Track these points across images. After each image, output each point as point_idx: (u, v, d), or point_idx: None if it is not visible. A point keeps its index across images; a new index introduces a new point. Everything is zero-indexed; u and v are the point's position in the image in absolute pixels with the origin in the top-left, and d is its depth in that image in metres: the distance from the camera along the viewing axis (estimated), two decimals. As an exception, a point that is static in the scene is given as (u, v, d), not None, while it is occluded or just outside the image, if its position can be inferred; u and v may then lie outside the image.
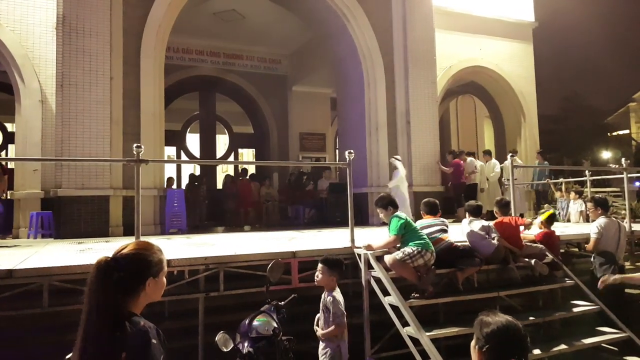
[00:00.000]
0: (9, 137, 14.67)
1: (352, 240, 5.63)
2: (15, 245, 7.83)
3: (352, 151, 5.74)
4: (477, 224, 5.58)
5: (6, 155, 15.25)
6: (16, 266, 4.39)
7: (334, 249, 5.48)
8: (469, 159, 12.05)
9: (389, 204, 5.29)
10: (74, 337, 1.77)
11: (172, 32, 10.64)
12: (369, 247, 5.23)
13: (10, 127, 15.19)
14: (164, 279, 1.93)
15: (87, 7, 9.43)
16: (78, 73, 9.30)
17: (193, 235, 9.42)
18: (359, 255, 5.38)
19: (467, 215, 5.86)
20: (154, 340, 1.74)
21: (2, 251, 6.48)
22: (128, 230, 9.20)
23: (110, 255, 1.86)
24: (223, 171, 19.13)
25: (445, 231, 5.36)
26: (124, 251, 1.88)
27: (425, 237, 5.10)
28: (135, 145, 5.06)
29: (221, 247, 6.22)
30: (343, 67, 12.82)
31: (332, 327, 4.07)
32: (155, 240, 2.16)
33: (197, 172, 15.43)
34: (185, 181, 15.12)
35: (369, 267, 5.25)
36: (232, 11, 13.91)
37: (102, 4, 9.52)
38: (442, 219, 5.52)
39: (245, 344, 3.31)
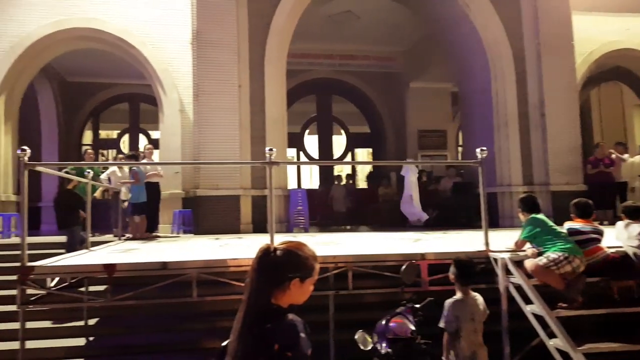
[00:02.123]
0: (154, 144, 16.30)
1: (487, 244, 5.31)
2: (163, 238, 8.73)
3: (484, 148, 5.41)
4: (636, 228, 4.89)
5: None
6: (169, 259, 4.83)
7: (466, 252, 5.21)
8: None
9: (529, 206, 4.89)
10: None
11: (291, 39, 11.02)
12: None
13: (153, 134, 16.94)
14: (311, 287, 1.92)
15: (217, 21, 10.17)
16: (210, 83, 10.08)
17: (317, 234, 9.69)
18: (496, 260, 5.07)
19: (623, 217, 5.18)
20: (302, 334, 1.77)
21: (154, 245, 7.23)
22: (257, 228, 9.75)
23: (271, 245, 1.91)
24: (338, 171, 19.41)
25: (599, 240, 4.72)
26: (283, 245, 1.92)
27: (572, 241, 4.60)
28: (267, 148, 5.30)
29: (347, 247, 6.28)
30: (465, 59, 12.27)
31: (445, 337, 3.88)
32: (281, 238, 2.21)
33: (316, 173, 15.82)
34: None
35: (508, 272, 4.92)
36: (347, 12, 14.03)
37: (229, 18, 10.19)
38: (595, 225, 4.88)
39: (383, 344, 3.30)
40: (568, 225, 4.86)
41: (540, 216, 4.82)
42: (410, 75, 16.14)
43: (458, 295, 3.96)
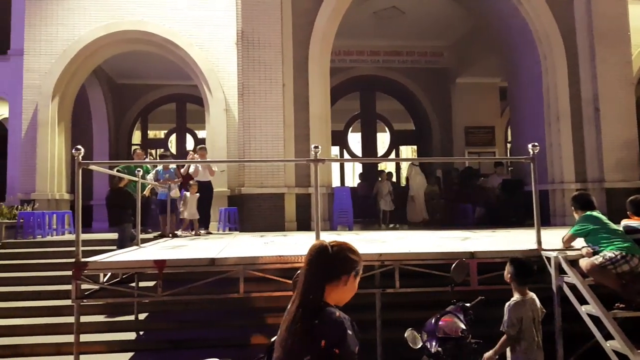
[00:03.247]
0: (200, 143, 16.68)
1: (539, 242, 5.09)
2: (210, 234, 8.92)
3: (536, 144, 5.19)
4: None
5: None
6: (217, 255, 4.90)
7: (517, 251, 5.02)
8: None
9: (582, 203, 4.65)
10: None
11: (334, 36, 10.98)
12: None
13: (199, 133, 17.35)
14: (356, 284, 1.97)
15: (262, 21, 10.27)
16: (255, 82, 10.20)
17: (361, 232, 9.62)
18: (548, 259, 4.86)
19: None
20: (349, 332, 1.78)
21: (202, 242, 7.37)
22: (301, 225, 9.79)
23: (324, 242, 1.95)
24: (382, 168, 19.23)
25: None
26: (334, 243, 1.96)
27: (630, 240, 4.36)
28: (313, 145, 5.28)
29: (393, 245, 6.19)
30: (514, 53, 11.88)
31: (503, 338, 3.73)
32: (326, 236, 2.19)
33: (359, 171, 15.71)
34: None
35: (561, 272, 4.70)
36: (392, 8, 13.84)
37: (274, 18, 10.28)
38: None
39: (433, 343, 3.22)
40: (625, 223, 4.64)
41: (596, 213, 4.59)
42: (456, 71, 15.79)
43: (516, 296, 3.82)
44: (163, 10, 11.54)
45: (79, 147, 4.59)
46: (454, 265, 3.71)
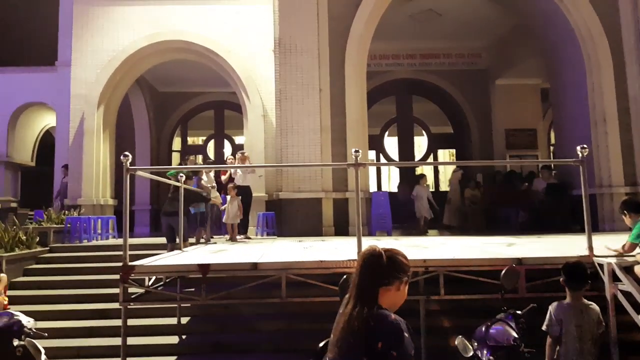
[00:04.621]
0: (238, 148, 16.91)
1: (591, 248, 4.89)
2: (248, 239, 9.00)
3: (585, 146, 5.00)
4: None
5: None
6: (259, 260, 4.93)
7: (566, 257, 4.82)
8: None
9: (634, 207, 4.46)
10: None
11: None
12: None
13: (237, 139, 17.60)
14: (406, 291, 1.99)
15: (299, 28, 10.36)
16: (292, 88, 10.27)
17: (400, 237, 9.50)
18: (601, 266, 4.65)
19: None
20: (406, 334, 1.78)
21: (242, 246, 7.44)
22: (339, 230, 9.75)
23: (377, 247, 1.97)
24: (421, 171, 18.93)
25: None
26: (387, 249, 1.98)
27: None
28: (353, 150, 5.24)
29: (436, 250, 6.07)
30: (557, 53, 11.51)
31: (547, 340, 3.64)
32: (367, 241, 2.16)
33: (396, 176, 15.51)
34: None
35: (615, 279, 4.50)
36: (428, 11, 13.68)
37: (310, 23, 10.34)
38: None
39: (484, 352, 3.13)
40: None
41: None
42: (495, 72, 15.44)
43: (567, 299, 3.68)
44: (204, 19, 11.80)
45: (127, 153, 4.71)
46: (504, 271, 3.61)
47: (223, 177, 10.17)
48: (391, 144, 17.94)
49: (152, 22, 11.79)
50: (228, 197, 9.00)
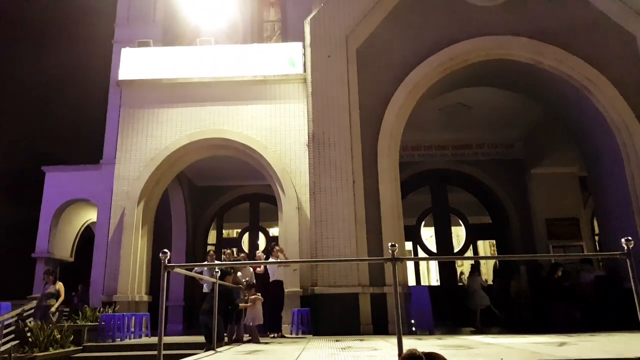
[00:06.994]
0: (272, 241, 16.90)
1: (659, 351, 4.43)
2: (283, 337, 8.60)
3: (630, 238, 4.71)
4: None
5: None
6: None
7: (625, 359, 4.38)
8: None
9: None
10: None
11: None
12: None
13: (271, 231, 17.66)
14: None
15: (331, 123, 10.75)
16: (326, 180, 10.42)
17: (443, 336, 8.93)
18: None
19: None
20: None
21: (277, 346, 7.10)
22: (377, 328, 9.28)
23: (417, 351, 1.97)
24: (458, 266, 18.29)
25: None
26: (428, 353, 1.99)
27: None
28: (390, 244, 5.11)
29: (484, 353, 5.62)
30: (591, 141, 11.43)
31: None
32: (408, 342, 2.01)
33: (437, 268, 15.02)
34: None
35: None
36: (457, 104, 14.02)
37: (342, 119, 10.75)
38: None
39: None
40: None
41: None
42: (530, 161, 15.32)
43: None
44: (241, 117, 12.38)
45: (165, 250, 4.72)
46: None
47: (258, 270, 10.03)
48: (428, 234, 17.59)
49: (194, 121, 12.43)
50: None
